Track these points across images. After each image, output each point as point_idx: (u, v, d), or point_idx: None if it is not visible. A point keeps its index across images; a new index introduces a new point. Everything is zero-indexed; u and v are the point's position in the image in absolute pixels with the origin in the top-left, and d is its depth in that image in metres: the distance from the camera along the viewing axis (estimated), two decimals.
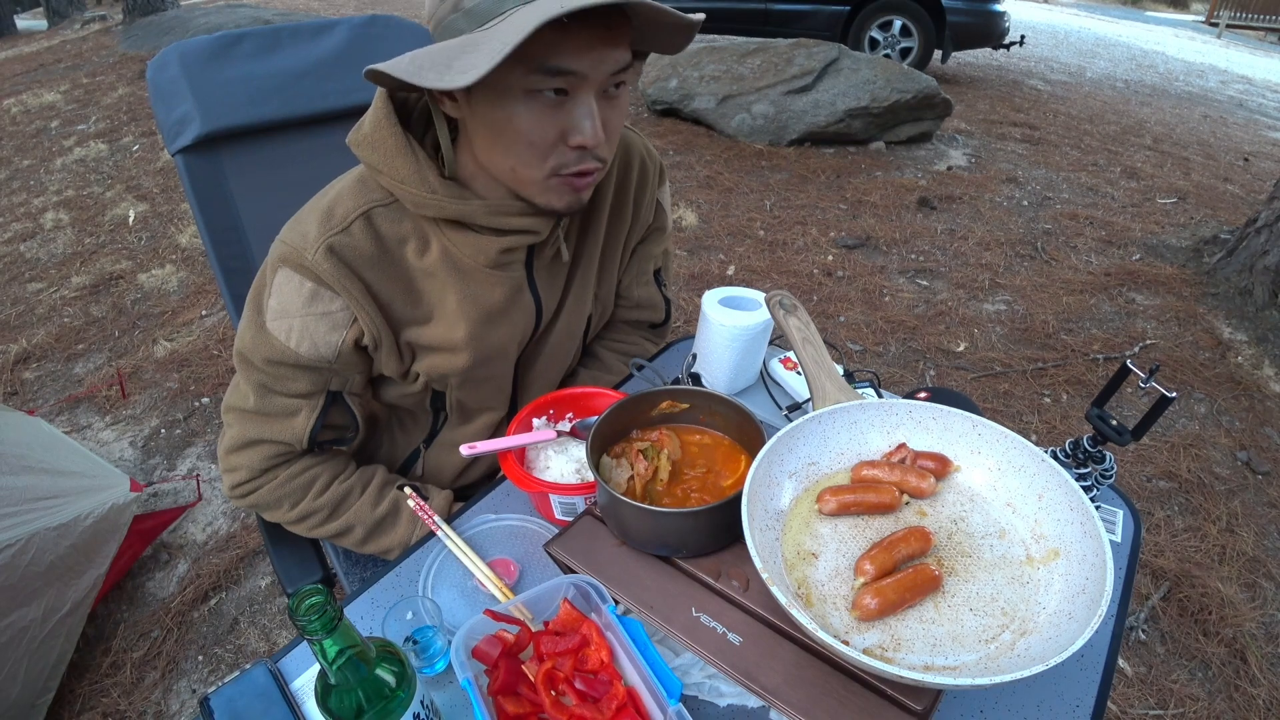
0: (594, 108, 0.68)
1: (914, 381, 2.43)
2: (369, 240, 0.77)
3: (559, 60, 0.64)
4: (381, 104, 0.75)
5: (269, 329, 0.78)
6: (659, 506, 0.67)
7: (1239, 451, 2.17)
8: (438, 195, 0.75)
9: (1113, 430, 0.78)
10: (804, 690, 0.57)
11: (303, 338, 0.77)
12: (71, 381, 2.49)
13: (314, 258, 0.74)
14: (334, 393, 0.83)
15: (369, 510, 0.89)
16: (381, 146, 0.75)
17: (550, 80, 0.65)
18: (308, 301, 0.76)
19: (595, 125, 0.68)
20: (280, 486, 0.87)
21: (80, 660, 1.55)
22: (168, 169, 4.10)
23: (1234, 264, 2.96)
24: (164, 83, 1.09)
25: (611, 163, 0.91)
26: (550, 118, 0.68)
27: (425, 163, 0.75)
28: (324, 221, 0.76)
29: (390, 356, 0.83)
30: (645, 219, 1.00)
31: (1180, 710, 1.50)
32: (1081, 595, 0.55)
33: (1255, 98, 7.26)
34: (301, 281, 0.76)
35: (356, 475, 0.91)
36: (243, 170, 1.13)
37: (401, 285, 0.80)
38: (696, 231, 3.39)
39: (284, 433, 0.83)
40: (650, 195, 0.98)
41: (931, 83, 4.33)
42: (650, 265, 1.06)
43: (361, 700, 0.51)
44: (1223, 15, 12.40)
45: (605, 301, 1.02)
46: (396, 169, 0.74)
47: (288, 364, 0.79)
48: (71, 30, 8.50)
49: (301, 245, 0.75)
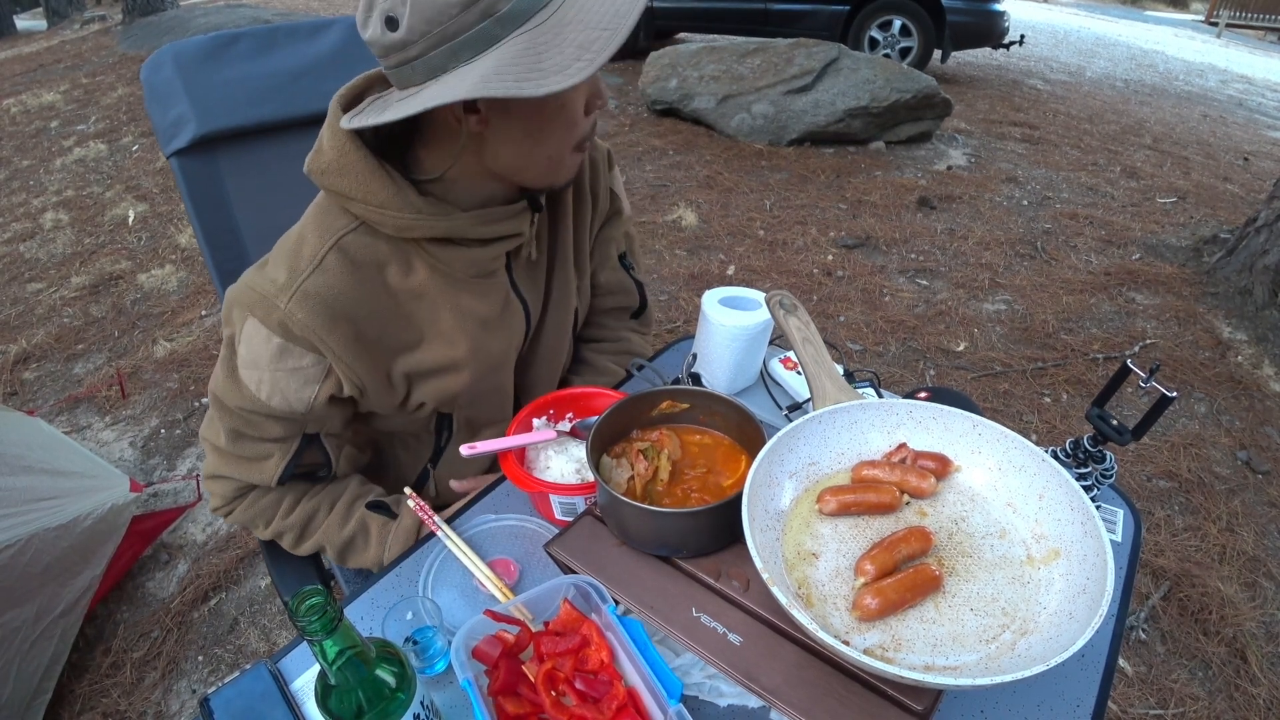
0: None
1: (914, 381, 2.43)
2: (346, 275, 0.72)
3: None
4: (340, 129, 0.69)
5: (240, 377, 0.74)
6: (659, 506, 0.67)
7: (1239, 451, 2.17)
8: (422, 215, 0.72)
9: (1113, 430, 0.78)
10: (804, 690, 0.57)
11: (273, 392, 0.74)
12: (71, 382, 2.49)
13: (287, 308, 0.69)
14: (310, 435, 0.82)
15: (336, 531, 0.87)
16: (352, 172, 0.70)
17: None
18: (276, 357, 0.72)
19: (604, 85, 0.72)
20: (250, 507, 0.86)
21: (80, 660, 1.55)
22: (167, 169, 4.09)
23: (1234, 263, 2.96)
24: (159, 84, 1.08)
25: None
26: (580, 90, 0.71)
27: (403, 183, 0.71)
28: (292, 264, 0.71)
29: (381, 394, 0.81)
30: (603, 207, 1.01)
31: (1181, 710, 1.50)
32: (1082, 595, 0.55)
33: (1255, 97, 7.26)
34: (269, 336, 0.71)
35: (325, 492, 0.89)
36: (239, 172, 1.11)
37: (388, 312, 0.77)
38: (696, 231, 3.39)
39: (253, 475, 0.82)
40: (603, 182, 0.99)
41: (931, 82, 4.32)
42: (613, 249, 1.05)
43: (362, 701, 0.51)
44: (1222, 15, 12.41)
45: (585, 294, 1.03)
46: (373, 194, 0.70)
47: (260, 413, 0.76)
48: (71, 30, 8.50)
49: (271, 293, 0.70)
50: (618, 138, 4.60)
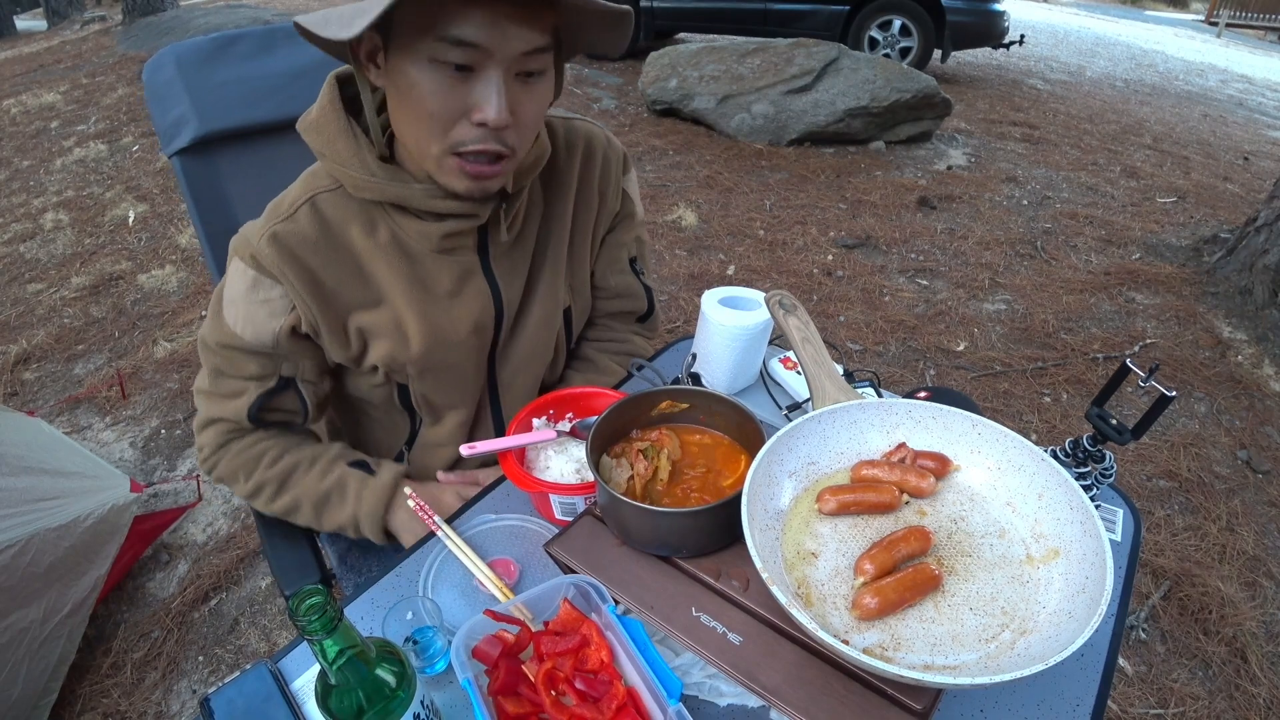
0: (500, 85, 0.67)
1: (914, 381, 2.43)
2: (314, 226, 0.79)
3: (462, 31, 0.64)
4: (328, 89, 0.78)
5: (223, 316, 0.81)
6: (659, 506, 0.67)
7: (1239, 450, 2.17)
8: (376, 177, 0.77)
9: (1113, 429, 0.78)
10: (804, 690, 0.57)
11: (246, 324, 0.80)
12: (71, 382, 2.49)
13: (258, 244, 0.77)
14: (286, 378, 0.85)
15: (315, 484, 0.89)
16: (325, 129, 0.77)
17: (453, 50, 0.65)
18: (250, 289, 0.79)
19: (500, 103, 0.67)
20: (235, 459, 0.89)
21: (81, 661, 1.55)
22: (167, 169, 4.10)
23: (1234, 263, 2.96)
24: (160, 84, 1.09)
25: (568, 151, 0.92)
26: (453, 90, 0.68)
27: (365, 146, 0.77)
28: (273, 212, 0.80)
29: (334, 343, 0.84)
30: (612, 207, 1.00)
31: (1180, 709, 1.50)
32: (1082, 594, 0.55)
33: (1255, 97, 7.26)
34: (245, 270, 0.79)
35: (308, 450, 0.92)
36: (240, 172, 1.12)
37: (349, 267, 0.82)
38: (696, 231, 3.39)
39: (229, 410, 0.86)
40: (615, 183, 0.99)
41: (931, 82, 4.32)
42: (623, 253, 1.05)
43: (362, 700, 0.51)
44: (1222, 14, 12.41)
45: (582, 293, 1.02)
46: (337, 151, 0.77)
47: (236, 348, 0.82)
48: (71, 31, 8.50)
49: (250, 234, 0.79)
50: (617, 137, 4.59)
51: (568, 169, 0.93)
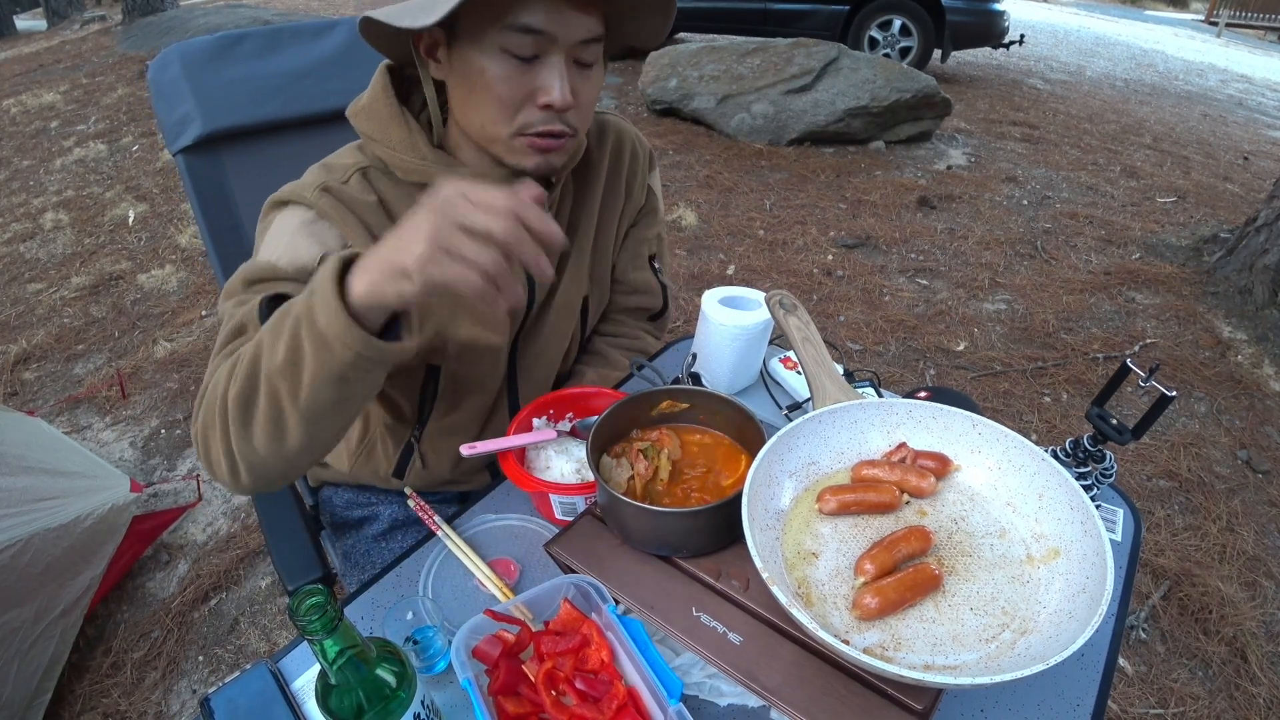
0: (564, 70, 0.71)
1: (914, 381, 2.43)
2: (364, 193, 0.80)
3: (529, 18, 0.67)
4: (380, 77, 0.80)
5: (258, 260, 0.75)
6: (659, 506, 0.67)
7: (1239, 450, 2.17)
8: (427, 161, 0.79)
9: (1113, 429, 0.78)
10: (804, 690, 0.57)
11: (286, 253, 0.74)
12: (71, 382, 2.49)
13: (316, 196, 0.77)
14: None
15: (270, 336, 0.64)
16: (377, 116, 0.79)
17: (521, 38, 0.68)
18: (304, 225, 0.76)
19: (564, 87, 0.71)
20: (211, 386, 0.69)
21: (80, 661, 1.55)
22: (167, 169, 4.10)
23: (1234, 263, 2.96)
24: (165, 83, 1.09)
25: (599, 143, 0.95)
26: (520, 76, 0.71)
27: (417, 131, 0.79)
28: (324, 176, 0.80)
29: None
30: (637, 201, 1.03)
31: (1181, 709, 1.50)
32: (1082, 594, 0.55)
33: (1255, 96, 7.26)
34: (304, 212, 0.77)
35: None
36: (244, 170, 1.13)
37: None
38: (696, 231, 3.39)
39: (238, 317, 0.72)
40: (641, 179, 1.02)
41: (931, 82, 4.32)
42: (645, 249, 1.07)
43: (362, 700, 0.51)
44: (1222, 14, 12.42)
45: (601, 284, 1.03)
46: (390, 136, 0.79)
47: (266, 279, 0.73)
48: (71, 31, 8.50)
49: (305, 187, 0.78)
50: None
51: (598, 160, 0.96)
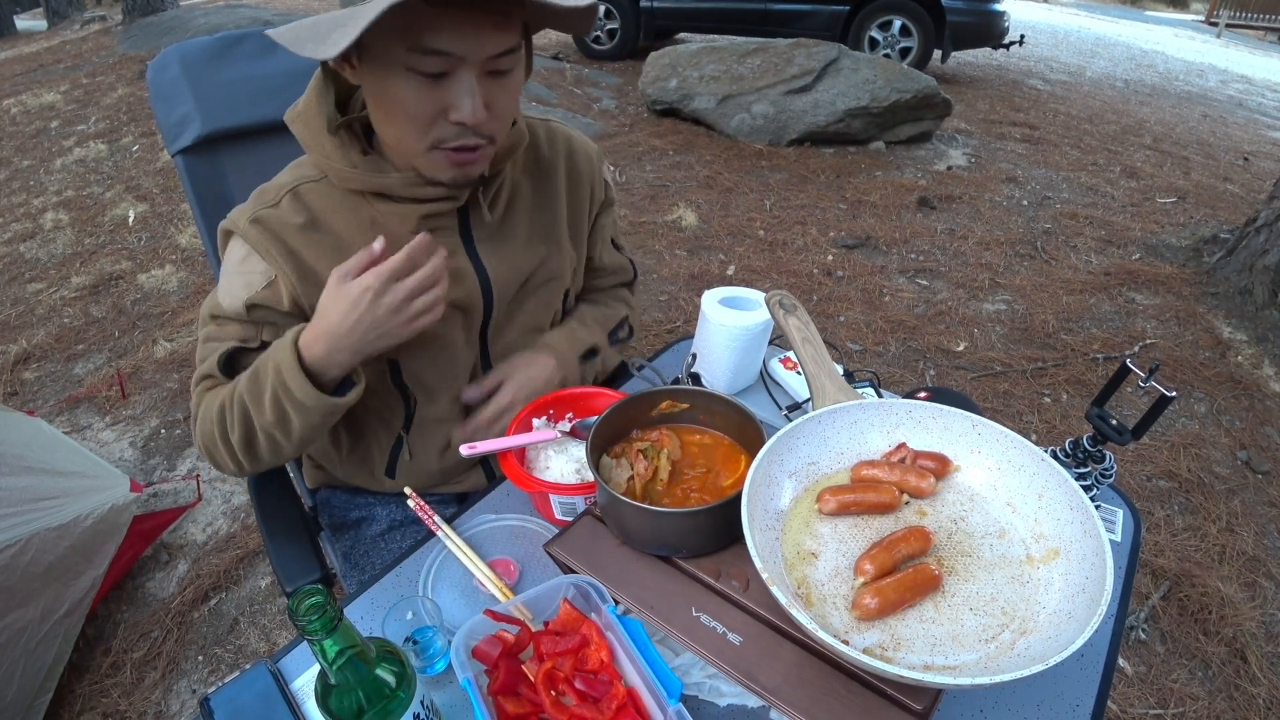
0: (474, 86, 0.71)
1: (914, 381, 2.43)
2: (296, 213, 0.81)
3: (435, 40, 0.67)
4: (315, 82, 0.80)
5: (215, 294, 0.84)
6: (659, 506, 0.67)
7: (1239, 451, 2.17)
8: (358, 169, 0.80)
9: (1113, 430, 0.78)
10: (804, 690, 0.57)
11: (226, 293, 0.82)
12: (71, 382, 2.49)
13: (244, 227, 0.80)
14: (267, 342, 0.84)
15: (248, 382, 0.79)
16: (311, 123, 0.80)
17: (427, 59, 0.68)
18: (240, 262, 0.82)
19: (475, 104, 0.71)
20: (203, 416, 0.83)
21: (80, 660, 1.55)
22: (167, 169, 4.10)
23: (1234, 263, 2.96)
24: (164, 83, 1.09)
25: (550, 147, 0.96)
26: (429, 94, 0.71)
27: (347, 140, 0.80)
28: (257, 199, 0.83)
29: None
30: (598, 197, 1.06)
31: (1180, 710, 1.50)
32: (1081, 595, 0.55)
33: (1255, 97, 7.26)
34: (240, 245, 0.82)
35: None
36: (243, 170, 1.13)
37: (331, 250, 0.83)
38: (696, 231, 3.39)
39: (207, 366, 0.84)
40: (599, 176, 1.05)
41: (931, 82, 4.32)
42: (609, 234, 1.11)
43: (362, 700, 0.51)
44: (1222, 15, 12.41)
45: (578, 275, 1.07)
46: (322, 144, 0.80)
47: (219, 316, 0.84)
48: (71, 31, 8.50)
49: (237, 217, 0.82)
50: (618, 138, 4.60)
51: (553, 163, 0.97)
